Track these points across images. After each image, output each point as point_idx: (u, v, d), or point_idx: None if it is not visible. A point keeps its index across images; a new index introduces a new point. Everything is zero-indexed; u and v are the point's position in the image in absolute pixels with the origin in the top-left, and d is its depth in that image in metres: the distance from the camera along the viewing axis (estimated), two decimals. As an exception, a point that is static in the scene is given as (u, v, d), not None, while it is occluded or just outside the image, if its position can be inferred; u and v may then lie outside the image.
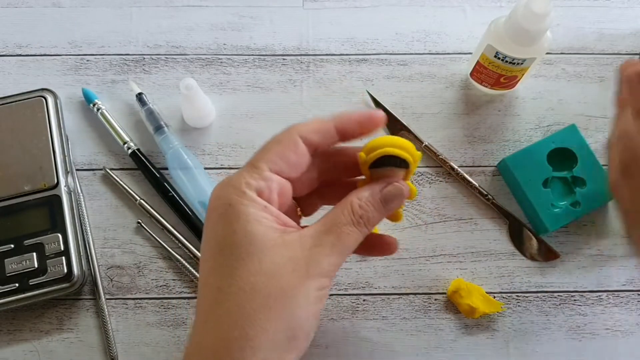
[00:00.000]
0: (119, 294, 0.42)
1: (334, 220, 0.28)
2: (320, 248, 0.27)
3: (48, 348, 0.40)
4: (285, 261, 0.26)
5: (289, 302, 0.26)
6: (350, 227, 0.28)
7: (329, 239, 0.27)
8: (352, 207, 0.28)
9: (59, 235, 0.40)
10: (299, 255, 0.27)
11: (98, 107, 0.45)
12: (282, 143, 0.28)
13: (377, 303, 0.42)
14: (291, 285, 0.26)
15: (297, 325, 0.26)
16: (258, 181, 0.27)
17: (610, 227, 0.44)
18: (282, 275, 0.26)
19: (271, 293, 0.26)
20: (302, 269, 0.26)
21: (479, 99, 0.47)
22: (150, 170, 0.43)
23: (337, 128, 0.29)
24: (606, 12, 0.50)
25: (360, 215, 0.28)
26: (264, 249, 0.26)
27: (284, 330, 0.26)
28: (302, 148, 0.29)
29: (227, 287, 0.26)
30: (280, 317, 0.26)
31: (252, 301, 0.26)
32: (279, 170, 0.28)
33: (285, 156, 0.28)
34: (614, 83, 0.47)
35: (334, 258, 0.27)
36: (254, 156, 0.29)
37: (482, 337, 0.42)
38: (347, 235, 0.28)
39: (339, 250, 0.28)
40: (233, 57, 0.48)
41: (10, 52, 0.48)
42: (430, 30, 0.49)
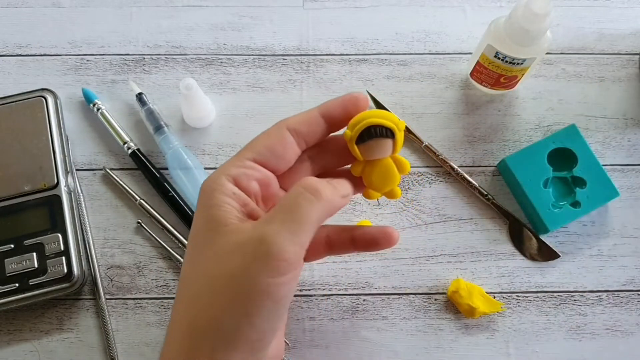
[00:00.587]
0: (119, 294, 0.42)
1: (287, 196, 0.26)
2: (269, 227, 0.25)
3: (48, 348, 0.40)
4: (233, 248, 0.25)
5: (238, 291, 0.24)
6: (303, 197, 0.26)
7: (279, 216, 0.25)
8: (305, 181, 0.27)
9: (59, 235, 0.40)
10: (246, 239, 0.25)
11: (98, 107, 0.45)
12: (269, 135, 0.29)
13: (377, 303, 0.42)
14: (239, 272, 0.25)
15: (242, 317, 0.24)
16: (238, 169, 0.28)
17: (610, 227, 0.44)
18: (230, 262, 0.25)
19: (219, 279, 0.25)
20: (249, 254, 0.24)
21: (479, 99, 0.47)
22: (150, 170, 0.43)
23: (323, 115, 0.30)
24: (606, 12, 0.50)
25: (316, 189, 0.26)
26: (218, 234, 0.26)
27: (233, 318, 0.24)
28: (289, 140, 0.29)
29: (189, 273, 0.27)
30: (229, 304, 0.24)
31: (205, 286, 0.26)
32: (264, 161, 0.28)
33: (271, 147, 0.28)
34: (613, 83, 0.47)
35: (286, 235, 0.24)
36: (244, 146, 0.29)
37: (482, 337, 0.42)
38: (298, 206, 0.25)
39: (291, 224, 0.25)
40: (233, 57, 0.48)
41: (10, 52, 0.48)
42: (430, 30, 0.49)
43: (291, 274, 0.25)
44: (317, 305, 0.42)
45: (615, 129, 0.46)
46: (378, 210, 0.44)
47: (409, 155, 0.45)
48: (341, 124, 0.30)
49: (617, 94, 0.47)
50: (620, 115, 0.47)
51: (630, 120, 0.47)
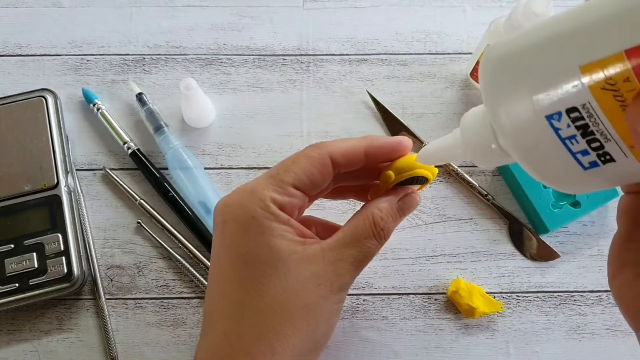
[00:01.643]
0: (119, 294, 0.42)
1: (356, 233, 0.28)
2: (342, 262, 0.27)
3: (48, 348, 0.40)
4: (309, 276, 0.27)
5: (313, 318, 0.26)
6: (372, 240, 0.28)
7: (351, 252, 0.28)
8: (374, 219, 0.28)
9: (59, 235, 0.40)
10: (321, 270, 0.27)
11: (98, 107, 0.45)
12: (311, 161, 0.28)
13: (377, 303, 0.42)
14: (315, 301, 0.27)
15: (320, 337, 0.27)
16: (283, 197, 0.27)
17: (610, 227, 0.44)
18: (307, 292, 0.26)
19: (297, 309, 0.26)
20: (326, 284, 0.27)
21: (479, 99, 0.47)
22: (150, 170, 0.43)
23: (367, 154, 0.29)
24: (606, 12, 0.50)
25: (381, 227, 0.28)
26: (288, 264, 0.26)
27: (308, 343, 0.27)
28: (328, 169, 0.28)
29: (252, 303, 0.26)
30: (306, 331, 0.26)
31: (278, 317, 0.26)
32: (303, 187, 0.28)
33: (311, 175, 0.28)
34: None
35: (355, 272, 0.28)
36: (280, 167, 0.28)
37: (482, 337, 0.42)
38: (369, 249, 0.28)
39: (360, 263, 0.28)
40: (233, 57, 0.48)
41: (10, 52, 0.48)
42: (430, 30, 0.49)
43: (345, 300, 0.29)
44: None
45: (615, 129, 0.46)
46: (378, 210, 0.44)
47: (409, 155, 0.45)
48: (378, 163, 0.30)
49: (617, 94, 0.47)
50: (620, 115, 0.47)
51: (630, 120, 0.46)
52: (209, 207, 0.42)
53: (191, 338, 0.41)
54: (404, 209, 0.30)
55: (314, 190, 0.29)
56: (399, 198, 0.30)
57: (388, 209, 0.29)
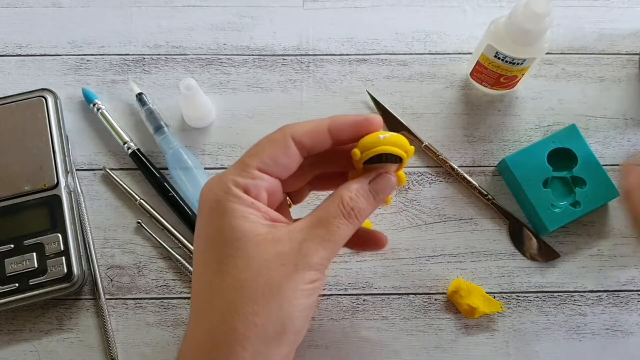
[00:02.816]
0: (119, 294, 0.42)
1: (324, 213, 0.28)
2: (309, 242, 0.27)
3: (48, 348, 0.40)
4: (272, 256, 0.26)
5: (276, 297, 0.26)
6: (340, 219, 0.28)
7: (319, 232, 0.27)
8: (342, 199, 0.28)
9: (59, 235, 0.40)
10: (287, 249, 0.27)
11: (98, 107, 0.45)
12: (274, 144, 0.28)
13: (377, 303, 0.42)
14: (279, 280, 0.26)
15: (286, 319, 0.26)
16: (246, 179, 0.27)
17: (610, 227, 0.44)
18: (270, 271, 0.26)
19: (259, 288, 0.26)
20: (291, 263, 0.26)
21: (479, 99, 0.47)
22: (150, 170, 0.43)
23: (331, 131, 0.29)
24: (606, 12, 0.50)
25: (351, 207, 0.28)
26: (252, 244, 0.26)
27: (273, 324, 0.26)
28: (293, 150, 0.29)
29: (216, 283, 0.27)
30: (269, 311, 0.26)
31: (240, 297, 0.26)
32: (269, 170, 0.28)
33: (276, 157, 0.28)
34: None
35: (323, 252, 0.27)
36: (245, 154, 0.29)
37: (482, 337, 0.42)
38: (337, 228, 0.28)
39: (329, 243, 0.27)
40: (233, 57, 0.48)
41: (10, 52, 0.48)
42: (430, 30, 0.49)
43: (319, 282, 0.28)
44: (317, 305, 0.42)
45: (615, 129, 0.46)
46: (378, 211, 0.44)
47: (409, 155, 0.45)
48: (348, 142, 0.30)
49: (617, 94, 0.47)
50: (620, 115, 0.47)
51: (630, 120, 0.47)
52: (209, 207, 0.42)
53: (191, 338, 0.41)
54: (376, 190, 0.29)
55: (282, 173, 0.29)
56: (371, 178, 0.29)
57: (358, 189, 0.29)
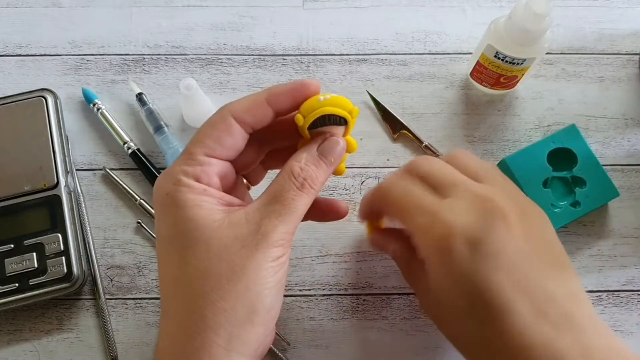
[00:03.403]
0: (119, 294, 0.42)
1: (278, 188, 0.28)
2: (266, 219, 0.27)
3: (48, 348, 0.40)
4: (232, 240, 0.26)
5: (241, 279, 0.26)
6: (294, 191, 0.28)
7: (275, 208, 0.27)
8: (292, 171, 0.28)
9: (59, 235, 0.40)
10: (245, 231, 0.27)
11: (98, 107, 0.45)
12: (215, 126, 0.28)
13: (377, 303, 0.42)
14: (241, 263, 0.26)
15: (255, 299, 0.26)
16: (194, 167, 0.27)
17: (610, 227, 0.44)
18: (231, 255, 0.26)
19: (222, 273, 0.26)
20: (251, 244, 0.26)
21: (479, 99, 0.47)
22: (150, 170, 0.44)
23: (270, 102, 0.29)
24: (606, 12, 0.50)
25: (303, 178, 0.28)
26: (209, 231, 0.26)
27: (242, 306, 0.26)
28: (236, 129, 0.28)
29: (179, 275, 0.27)
30: (236, 294, 0.26)
31: (205, 285, 0.26)
32: (216, 154, 0.28)
33: (220, 140, 0.28)
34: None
35: (282, 226, 0.27)
36: (189, 143, 0.28)
37: (482, 337, 0.41)
38: (292, 200, 0.28)
39: (287, 217, 0.27)
40: (233, 57, 0.48)
41: (10, 52, 0.48)
42: (430, 30, 0.49)
43: (285, 256, 0.28)
44: (317, 305, 0.42)
45: (615, 129, 0.46)
46: (378, 210, 0.44)
47: (409, 155, 0.45)
48: (289, 111, 0.30)
49: (617, 94, 0.47)
50: (620, 115, 0.47)
51: (630, 120, 0.47)
52: (209, 207, 0.42)
53: (191, 338, 0.41)
54: (325, 154, 0.29)
55: (230, 154, 0.29)
56: (318, 144, 0.29)
57: (307, 157, 0.29)
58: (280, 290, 0.28)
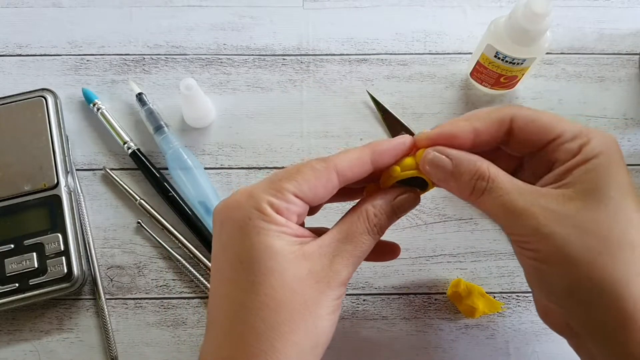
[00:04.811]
0: (119, 294, 0.42)
1: (350, 228, 0.29)
2: (339, 258, 0.28)
3: (48, 348, 0.40)
4: (306, 274, 0.27)
5: (312, 315, 0.27)
6: (366, 235, 0.29)
7: (347, 247, 0.28)
8: (367, 215, 0.29)
9: (59, 235, 0.40)
10: (318, 266, 0.27)
11: (98, 107, 0.45)
12: (317, 175, 0.28)
13: (377, 303, 0.42)
14: (314, 298, 0.27)
15: (320, 334, 0.27)
16: (280, 202, 0.27)
17: (610, 227, 0.44)
18: (305, 289, 0.27)
19: (295, 307, 0.26)
20: (324, 280, 0.27)
21: (479, 99, 0.47)
22: (150, 170, 0.44)
23: (373, 163, 0.29)
24: (606, 12, 0.50)
25: (374, 224, 0.29)
26: (285, 262, 0.26)
27: (309, 340, 0.27)
28: (333, 183, 0.28)
29: (249, 302, 0.26)
30: (306, 329, 0.26)
31: (277, 315, 0.26)
32: (303, 197, 0.28)
33: (314, 188, 0.28)
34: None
35: (352, 267, 0.28)
36: (282, 173, 0.28)
37: (482, 337, 0.42)
38: (363, 243, 0.28)
39: (356, 259, 0.28)
40: (233, 57, 0.48)
41: (10, 52, 0.48)
42: (430, 30, 0.49)
43: (344, 295, 0.29)
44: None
45: (615, 129, 0.46)
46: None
47: (409, 155, 0.45)
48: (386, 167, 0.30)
49: (617, 94, 0.47)
50: (620, 115, 0.47)
51: (630, 120, 0.47)
52: (209, 207, 0.42)
53: (191, 338, 0.41)
54: (399, 208, 0.30)
55: (315, 202, 0.29)
56: (395, 196, 0.30)
57: (382, 206, 0.29)
58: (335, 325, 0.29)
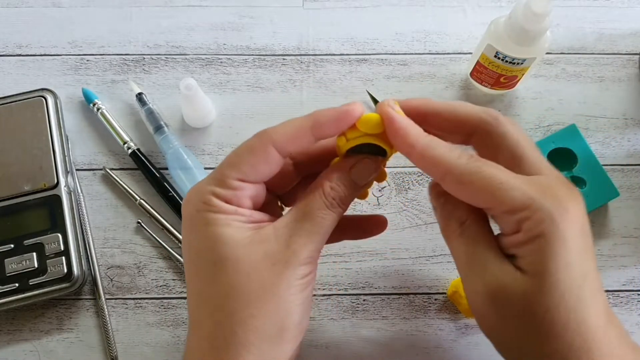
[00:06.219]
0: (119, 294, 0.42)
1: (307, 205, 0.28)
2: (296, 237, 0.27)
3: (48, 348, 0.40)
4: (261, 257, 0.26)
5: (271, 297, 0.26)
6: (324, 210, 0.28)
7: (305, 225, 0.27)
8: (323, 189, 0.28)
9: (59, 235, 0.40)
10: (275, 248, 0.27)
11: (98, 107, 0.45)
12: (254, 152, 0.27)
13: (377, 303, 0.42)
14: (271, 280, 0.26)
15: (284, 316, 0.26)
16: (226, 190, 0.27)
17: (610, 227, 0.44)
18: (261, 272, 0.26)
19: (252, 291, 0.26)
20: (281, 261, 0.26)
21: (479, 99, 0.47)
22: (150, 170, 0.44)
23: (314, 131, 0.28)
24: (606, 12, 0.50)
25: (332, 197, 0.28)
26: (238, 248, 0.26)
27: (272, 324, 0.26)
28: (274, 157, 0.28)
29: (209, 291, 0.26)
30: (266, 312, 0.26)
31: (234, 302, 0.26)
32: (249, 179, 0.28)
33: (256, 167, 0.27)
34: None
35: (311, 245, 0.27)
36: (223, 162, 0.28)
37: (482, 337, 0.41)
38: (322, 219, 0.27)
39: (316, 236, 0.27)
40: (233, 57, 0.48)
41: (10, 52, 0.48)
42: (430, 30, 0.49)
43: (312, 274, 0.28)
44: (317, 305, 0.42)
45: (615, 129, 0.46)
46: (378, 210, 0.44)
47: (409, 155, 0.45)
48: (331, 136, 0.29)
49: (617, 94, 0.47)
50: (620, 115, 0.47)
51: (630, 120, 0.47)
52: (209, 207, 0.42)
53: (191, 338, 0.41)
54: (358, 176, 0.29)
55: (264, 178, 0.28)
56: (350, 165, 0.29)
57: (339, 177, 0.28)
58: (308, 307, 0.28)
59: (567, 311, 0.25)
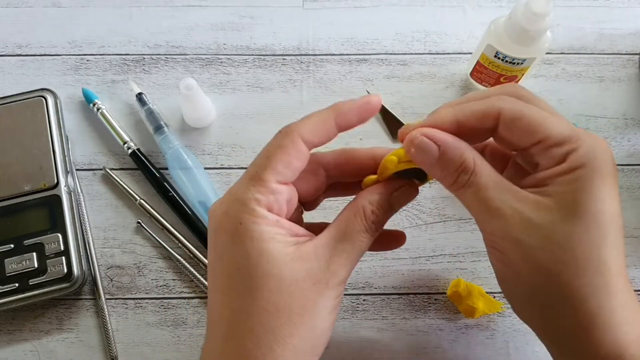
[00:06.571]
0: (119, 294, 0.42)
1: (347, 227, 0.28)
2: (336, 258, 0.27)
3: (48, 348, 0.40)
4: (303, 276, 0.26)
5: (311, 317, 0.26)
6: (363, 234, 0.28)
7: (345, 247, 0.27)
8: (364, 212, 0.28)
9: (59, 235, 0.40)
10: (315, 268, 0.27)
11: (98, 107, 0.45)
12: (285, 150, 0.27)
13: (377, 303, 0.42)
14: (312, 300, 0.26)
15: (319, 335, 0.27)
16: (267, 196, 0.27)
17: (610, 227, 0.44)
18: (303, 291, 0.26)
19: (293, 310, 0.26)
20: (322, 282, 0.27)
21: (479, 99, 0.47)
22: (150, 170, 0.44)
23: (338, 124, 0.29)
24: (606, 12, 0.50)
25: (372, 221, 0.28)
26: (281, 265, 0.26)
27: (308, 342, 0.27)
28: (304, 152, 0.28)
29: (248, 307, 0.26)
30: (305, 331, 0.26)
31: (275, 319, 0.26)
32: (285, 179, 0.27)
33: (290, 164, 0.27)
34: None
35: (350, 266, 0.28)
36: (256, 165, 0.28)
37: (482, 337, 0.42)
38: (361, 242, 0.28)
39: (354, 257, 0.28)
40: (233, 57, 0.48)
41: (10, 52, 0.48)
42: (430, 30, 0.49)
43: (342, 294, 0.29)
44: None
45: (615, 129, 0.46)
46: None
47: (409, 155, 0.45)
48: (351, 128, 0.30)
49: (617, 94, 0.47)
50: (620, 115, 0.47)
51: (630, 120, 0.47)
52: (208, 207, 0.42)
53: (191, 338, 0.41)
54: (397, 202, 0.29)
55: (296, 176, 0.28)
56: (392, 189, 0.29)
57: (380, 201, 0.29)
58: (334, 325, 0.29)
59: (589, 245, 0.25)
